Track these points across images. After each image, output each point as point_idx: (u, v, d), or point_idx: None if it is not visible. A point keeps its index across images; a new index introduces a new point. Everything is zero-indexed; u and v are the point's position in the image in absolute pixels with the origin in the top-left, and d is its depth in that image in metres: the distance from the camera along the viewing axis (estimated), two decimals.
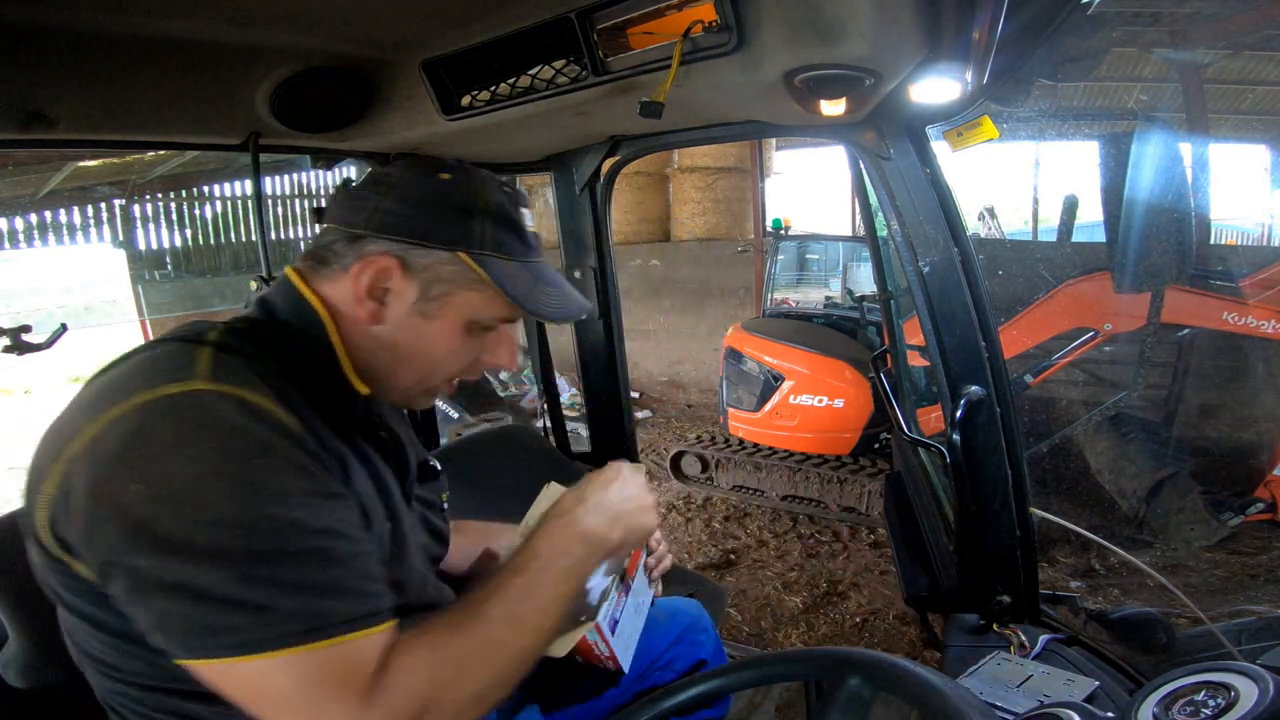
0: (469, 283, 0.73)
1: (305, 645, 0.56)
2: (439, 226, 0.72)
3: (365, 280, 0.71)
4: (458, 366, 0.78)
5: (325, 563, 0.58)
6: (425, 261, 0.72)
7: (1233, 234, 7.35)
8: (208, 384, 0.59)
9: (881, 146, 1.15)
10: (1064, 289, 3.15)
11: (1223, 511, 2.94)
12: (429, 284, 0.72)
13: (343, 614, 0.58)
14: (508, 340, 0.81)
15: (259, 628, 0.55)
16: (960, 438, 1.18)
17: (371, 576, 0.63)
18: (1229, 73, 5.85)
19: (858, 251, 5.70)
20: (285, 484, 0.58)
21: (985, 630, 1.15)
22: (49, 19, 0.76)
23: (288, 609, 0.56)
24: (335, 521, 0.61)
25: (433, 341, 0.75)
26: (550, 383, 1.86)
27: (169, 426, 0.56)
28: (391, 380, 0.76)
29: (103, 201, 7.54)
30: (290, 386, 0.65)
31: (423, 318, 0.73)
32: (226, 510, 0.55)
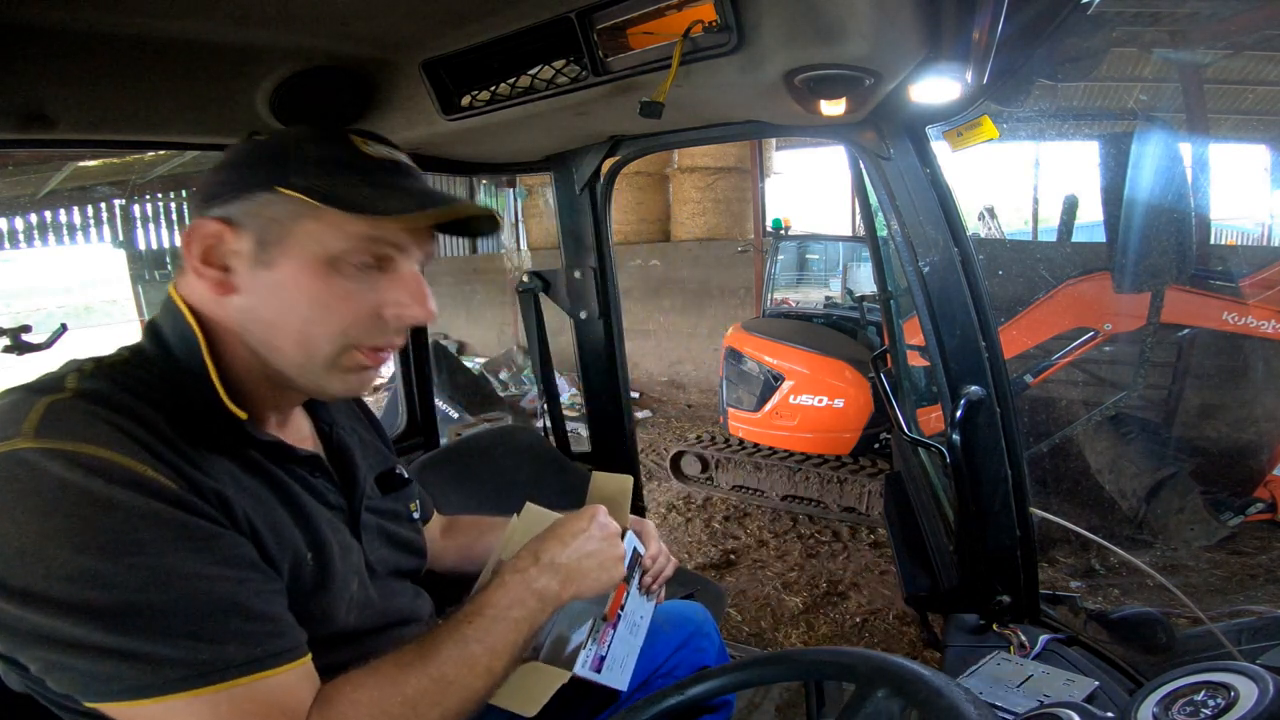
0: (304, 213, 0.65)
1: (201, 689, 0.55)
2: (251, 174, 0.67)
3: (196, 249, 0.66)
4: (342, 322, 0.67)
5: (201, 607, 0.57)
6: (249, 209, 0.66)
7: (1233, 234, 7.35)
8: (31, 442, 0.55)
9: (881, 146, 1.15)
10: (1064, 289, 3.15)
11: (1223, 511, 2.94)
12: (262, 230, 0.65)
13: (234, 657, 0.57)
14: (409, 280, 0.70)
15: (144, 674, 0.54)
16: (960, 438, 1.18)
17: (261, 614, 0.60)
18: (1229, 73, 5.86)
19: (858, 251, 5.70)
20: (137, 535, 0.55)
21: (985, 630, 1.15)
22: (49, 19, 0.76)
23: (170, 656, 0.55)
24: (207, 565, 0.58)
25: (292, 294, 0.66)
26: (550, 383, 1.86)
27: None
28: (277, 361, 0.69)
29: (103, 201, 7.55)
30: (160, 426, 0.61)
31: (268, 268, 0.66)
32: (76, 564, 0.53)
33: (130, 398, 0.62)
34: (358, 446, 0.87)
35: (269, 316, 0.67)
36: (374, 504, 0.85)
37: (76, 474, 0.55)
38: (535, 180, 7.20)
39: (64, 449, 0.55)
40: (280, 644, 0.61)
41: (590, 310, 1.69)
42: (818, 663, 0.70)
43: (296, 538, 0.69)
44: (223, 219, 0.66)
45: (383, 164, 0.70)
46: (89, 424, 0.58)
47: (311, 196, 0.64)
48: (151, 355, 0.68)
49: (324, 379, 0.70)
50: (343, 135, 0.70)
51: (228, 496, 0.63)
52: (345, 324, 0.68)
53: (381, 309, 0.69)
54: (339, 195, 0.65)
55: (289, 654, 0.61)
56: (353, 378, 0.72)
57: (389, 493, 0.90)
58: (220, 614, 0.58)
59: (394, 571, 0.86)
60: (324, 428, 0.86)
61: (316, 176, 0.66)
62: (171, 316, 0.69)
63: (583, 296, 1.69)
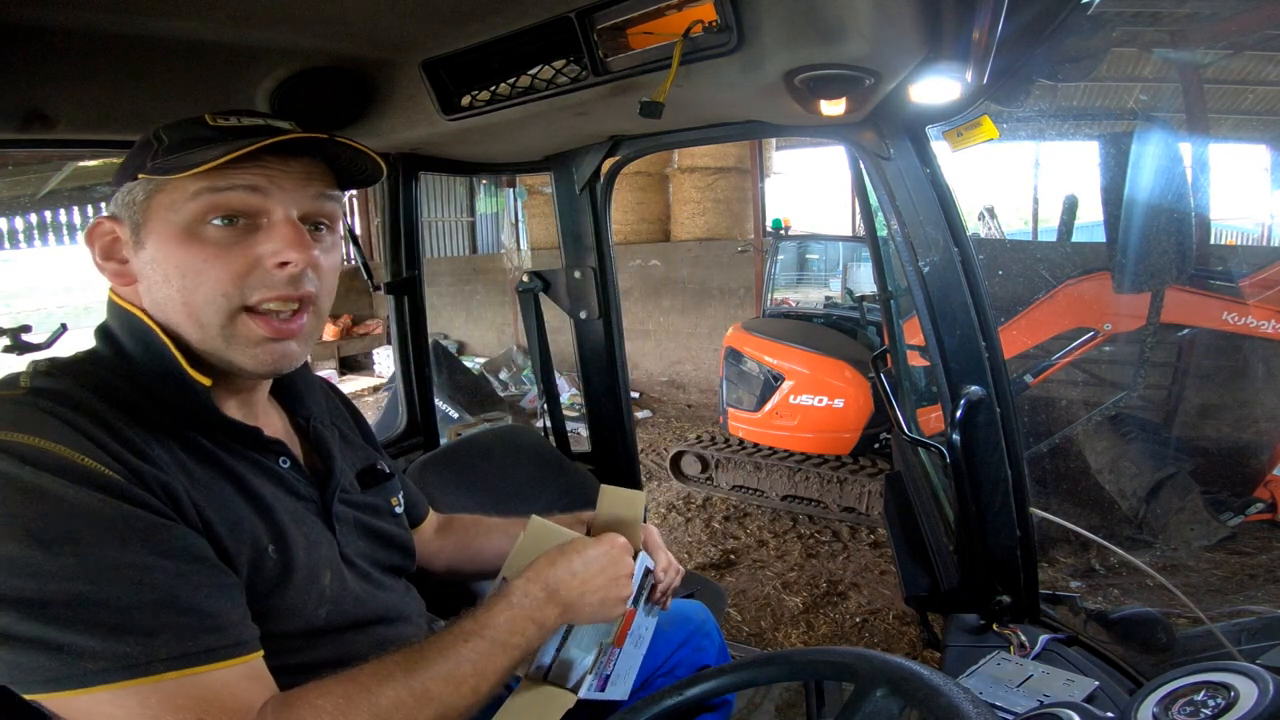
0: (152, 190, 0.68)
1: (125, 682, 0.55)
2: (124, 168, 0.70)
3: (96, 248, 0.71)
4: (219, 283, 0.67)
5: (130, 599, 0.56)
6: (121, 199, 0.70)
7: (1233, 234, 7.35)
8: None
9: (881, 146, 1.15)
10: (1064, 289, 3.15)
11: (1223, 511, 2.94)
12: (131, 215, 0.69)
13: (161, 651, 0.56)
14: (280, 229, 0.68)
15: (65, 666, 0.54)
16: (960, 438, 1.18)
17: (200, 609, 0.59)
18: (1229, 73, 5.86)
19: (858, 251, 5.69)
20: (68, 524, 0.55)
21: (985, 630, 1.15)
22: (49, 19, 0.76)
23: (92, 648, 0.54)
24: (144, 556, 0.57)
25: (164, 267, 0.67)
26: (550, 383, 1.86)
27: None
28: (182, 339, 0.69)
29: (103, 201, 7.52)
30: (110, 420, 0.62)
31: (143, 248, 0.69)
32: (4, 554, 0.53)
33: (84, 393, 0.63)
34: (336, 441, 0.87)
35: (158, 295, 0.69)
36: (351, 497, 0.85)
37: (10, 464, 0.55)
38: (535, 180, 7.20)
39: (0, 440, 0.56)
40: (217, 640, 0.59)
41: (590, 310, 1.69)
42: (817, 662, 0.70)
43: (256, 528, 0.68)
44: (110, 215, 0.71)
45: (232, 131, 0.69)
46: (33, 417, 0.59)
47: (154, 173, 0.67)
48: (105, 353, 0.70)
49: (228, 352, 0.69)
50: (199, 117, 0.71)
51: (174, 488, 0.62)
52: (221, 286, 0.67)
53: (257, 264, 0.68)
54: (171, 165, 0.66)
55: (228, 650, 0.60)
56: (260, 351, 0.70)
57: (369, 488, 0.90)
58: (151, 606, 0.57)
59: (376, 566, 0.85)
60: (300, 421, 0.86)
61: (165, 155, 0.67)
62: (115, 314, 0.71)
63: (583, 296, 1.69)
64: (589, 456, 1.84)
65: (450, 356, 5.51)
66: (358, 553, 0.82)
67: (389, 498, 0.92)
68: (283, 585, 0.69)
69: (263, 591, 0.68)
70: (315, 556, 0.74)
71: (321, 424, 0.87)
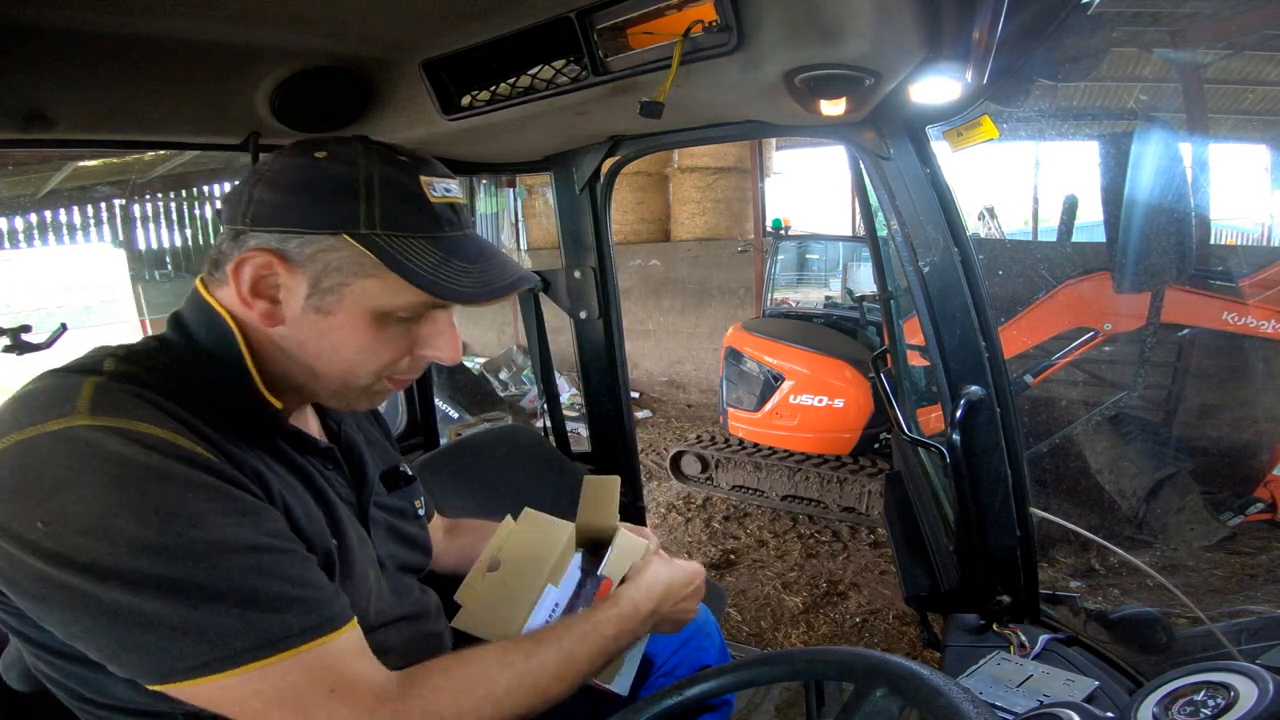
0: (363, 269, 0.65)
1: (269, 659, 0.56)
2: (315, 210, 0.64)
3: (246, 279, 0.65)
4: (382, 363, 0.70)
5: (258, 578, 0.57)
6: (308, 251, 0.64)
7: (1233, 234, 7.35)
8: (86, 419, 0.56)
9: (881, 146, 1.15)
10: (1064, 289, 3.15)
11: (1223, 511, 2.94)
12: (319, 276, 0.65)
13: (293, 626, 0.58)
14: (444, 330, 0.72)
15: (213, 649, 0.55)
16: (960, 438, 1.18)
17: (311, 582, 0.62)
18: (1229, 73, 5.85)
19: (858, 251, 5.70)
20: (193, 506, 0.56)
21: (985, 630, 1.15)
22: (49, 19, 0.76)
23: (236, 628, 0.55)
24: (258, 536, 0.59)
25: (340, 339, 0.67)
26: (550, 383, 1.86)
27: (56, 463, 0.54)
28: (314, 384, 0.71)
29: (103, 201, 7.54)
30: (196, 409, 0.63)
31: (320, 314, 0.66)
32: (141, 536, 0.54)
33: (165, 381, 0.64)
34: (365, 444, 0.88)
35: (314, 351, 0.69)
36: (381, 500, 0.87)
37: (134, 449, 0.56)
38: (535, 180, 7.20)
39: (118, 425, 0.56)
40: (335, 608, 0.62)
41: (590, 310, 1.69)
42: (817, 662, 0.70)
43: (323, 524, 0.71)
44: (280, 255, 0.65)
45: (444, 215, 0.68)
46: (135, 403, 0.59)
47: (381, 257, 0.63)
48: (177, 346, 0.69)
49: (353, 402, 0.74)
50: (411, 172, 0.68)
51: (265, 475, 0.65)
52: (384, 365, 0.71)
53: (415, 349, 0.71)
54: (408, 264, 0.64)
55: (344, 617, 0.62)
56: (376, 398, 0.76)
57: (394, 490, 0.91)
58: (277, 582, 0.58)
59: (401, 567, 0.87)
60: (332, 425, 0.86)
61: (384, 227, 0.64)
62: (201, 312, 0.69)
63: (583, 296, 1.69)
64: (589, 456, 1.84)
65: None
66: (388, 554, 0.84)
67: (412, 500, 0.94)
68: (344, 580, 0.72)
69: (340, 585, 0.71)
70: (363, 556, 0.77)
71: (351, 427, 0.88)
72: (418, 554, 0.91)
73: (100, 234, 7.68)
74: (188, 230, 8.18)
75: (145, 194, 7.75)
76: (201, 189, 8.23)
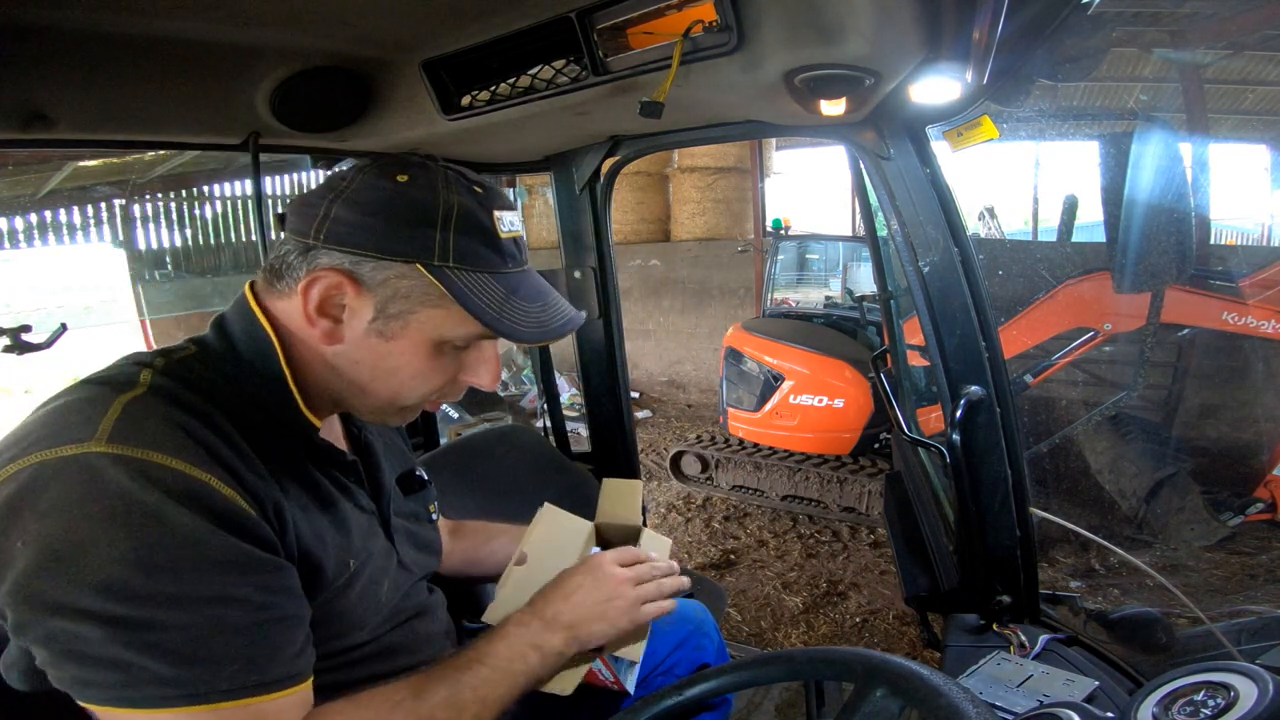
0: (430, 299, 0.66)
1: (188, 708, 0.56)
2: (393, 236, 0.65)
3: (315, 298, 0.66)
4: (430, 388, 0.73)
5: (213, 630, 0.57)
6: (380, 276, 0.65)
7: (1233, 234, 7.35)
8: (104, 447, 0.56)
9: (881, 146, 1.15)
10: (1064, 289, 3.15)
11: (1223, 511, 2.94)
12: (386, 301, 0.66)
13: (226, 682, 0.57)
14: (490, 359, 0.75)
15: (135, 687, 0.55)
16: (960, 438, 1.18)
17: (274, 644, 0.61)
18: (1229, 73, 5.85)
19: (858, 251, 5.69)
20: (174, 554, 0.56)
21: (985, 630, 1.15)
22: (49, 19, 0.76)
23: (166, 675, 0.55)
24: (236, 589, 0.58)
25: (397, 363, 0.69)
26: (550, 383, 1.86)
27: (57, 489, 0.55)
28: (359, 401, 0.73)
29: (103, 201, 7.53)
30: (226, 430, 0.63)
31: (382, 338, 0.68)
32: (106, 574, 0.54)
33: (200, 399, 0.63)
34: (382, 449, 0.88)
35: (368, 372, 0.70)
36: (399, 506, 0.87)
37: (137, 484, 0.56)
38: (535, 180, 7.20)
39: (133, 456, 0.56)
40: (281, 671, 0.61)
41: (590, 310, 1.69)
42: (817, 662, 0.70)
43: (340, 544, 0.71)
44: (352, 277, 0.66)
45: (509, 250, 0.70)
46: (161, 429, 0.59)
47: (450, 290, 0.65)
48: (218, 353, 0.69)
49: (389, 418, 0.77)
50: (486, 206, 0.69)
51: (282, 505, 0.64)
52: (432, 389, 0.73)
53: (460, 374, 0.74)
54: (475, 300, 0.66)
55: (288, 681, 0.61)
56: (410, 416, 0.79)
57: (410, 494, 0.91)
58: (229, 637, 0.58)
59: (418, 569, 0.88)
60: (353, 430, 0.86)
61: (455, 260, 0.66)
62: (245, 319, 0.70)
63: (583, 296, 1.69)
64: (589, 456, 1.84)
65: None
66: (411, 562, 0.85)
67: (427, 504, 0.94)
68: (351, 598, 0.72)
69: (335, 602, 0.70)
70: (379, 568, 0.77)
71: (370, 432, 0.88)
72: (431, 557, 0.91)
73: (100, 234, 7.67)
74: (188, 230, 8.18)
75: (145, 194, 7.75)
76: (201, 189, 8.23)
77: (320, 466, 0.73)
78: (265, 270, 0.71)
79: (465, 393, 0.78)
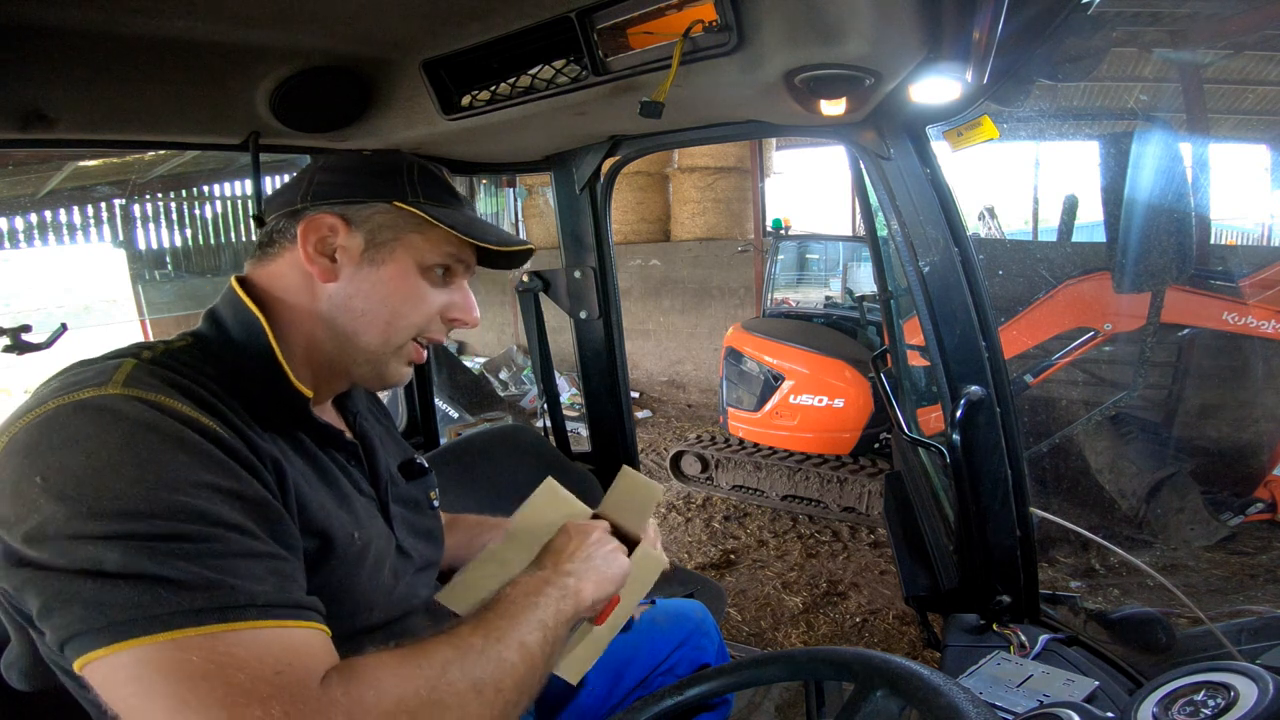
0: (410, 225, 0.77)
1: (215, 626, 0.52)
2: (371, 185, 0.77)
3: (312, 240, 0.74)
4: (420, 317, 0.79)
5: (234, 550, 0.56)
6: (366, 214, 0.76)
7: (1233, 234, 7.35)
8: (120, 389, 0.59)
9: (881, 146, 1.15)
10: (1064, 289, 3.15)
11: (1223, 511, 2.94)
12: (373, 233, 0.76)
13: (257, 595, 0.55)
14: (466, 293, 0.84)
15: (155, 603, 0.51)
16: (960, 438, 1.18)
17: (292, 578, 0.60)
18: (1229, 73, 5.85)
19: (858, 251, 5.70)
20: (195, 475, 0.56)
21: (985, 630, 1.15)
22: (49, 19, 0.76)
23: (188, 581, 0.52)
24: (251, 521, 0.58)
25: (390, 288, 0.77)
26: (550, 383, 1.86)
27: (75, 424, 0.57)
28: (351, 354, 0.77)
29: (103, 201, 7.54)
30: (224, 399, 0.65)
31: (374, 265, 0.76)
32: (126, 495, 0.53)
33: (195, 373, 0.67)
34: (379, 436, 0.89)
35: (362, 306, 0.76)
36: (399, 492, 0.88)
37: (153, 414, 0.58)
38: (535, 180, 7.20)
39: (149, 397, 0.60)
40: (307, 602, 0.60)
41: (590, 310, 1.69)
42: (817, 662, 0.70)
43: (343, 517, 0.72)
44: (341, 216, 0.76)
45: (459, 195, 0.83)
46: (169, 382, 0.63)
47: (428, 215, 0.77)
48: (213, 340, 0.73)
49: (388, 365, 0.80)
50: (437, 167, 0.83)
51: (282, 465, 0.66)
52: (421, 319, 0.79)
53: (444, 311, 0.82)
54: (447, 218, 0.78)
55: (313, 614, 0.59)
56: (405, 368, 0.82)
57: (411, 480, 0.92)
58: (254, 560, 0.57)
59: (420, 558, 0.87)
60: (349, 417, 0.88)
61: (424, 199, 0.78)
62: (232, 306, 0.74)
63: (583, 296, 1.69)
64: (589, 456, 1.84)
65: (450, 356, 5.51)
66: (410, 548, 0.85)
67: (428, 491, 0.94)
68: (359, 575, 0.73)
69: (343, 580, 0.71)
70: (381, 550, 0.78)
71: (366, 420, 0.89)
72: (433, 546, 0.91)
73: (100, 234, 7.68)
74: (188, 230, 8.19)
75: (145, 194, 7.76)
76: (201, 189, 8.23)
77: (320, 445, 0.76)
78: (255, 248, 0.79)
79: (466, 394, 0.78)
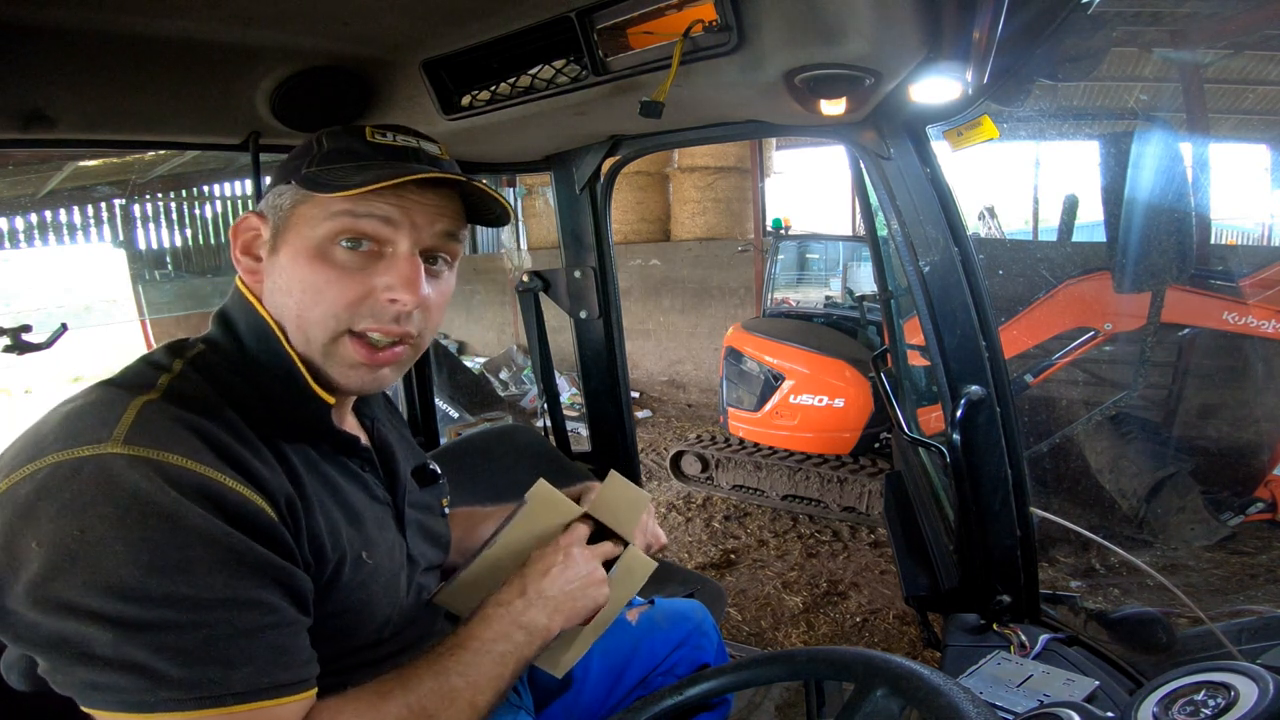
0: (298, 198, 0.70)
1: (197, 711, 0.55)
2: (281, 170, 0.73)
3: (239, 244, 0.73)
4: (333, 305, 0.68)
5: (224, 631, 0.57)
6: (270, 201, 0.73)
7: (1233, 234, 7.35)
8: (119, 448, 0.57)
9: (881, 146, 1.15)
10: (1064, 289, 3.15)
11: (1223, 511, 2.94)
12: (276, 219, 0.71)
13: (239, 683, 0.57)
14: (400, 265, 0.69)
15: (142, 690, 0.54)
16: (960, 437, 1.18)
17: (282, 648, 0.60)
18: (1229, 73, 5.85)
19: (858, 251, 5.70)
20: (187, 554, 0.56)
21: (985, 630, 1.15)
22: (49, 19, 0.76)
23: (174, 675, 0.55)
24: (249, 591, 0.58)
25: (289, 277, 0.69)
26: (550, 383, 1.86)
27: (72, 489, 0.55)
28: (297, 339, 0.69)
29: (103, 201, 7.54)
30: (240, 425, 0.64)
31: (276, 253, 0.71)
32: (119, 576, 0.54)
33: (215, 396, 0.65)
34: (396, 442, 0.88)
35: (278, 300, 0.70)
36: (413, 499, 0.87)
37: (152, 485, 0.56)
38: (535, 180, 7.20)
39: (148, 457, 0.57)
40: (289, 676, 0.60)
41: (590, 310, 1.69)
42: (817, 662, 0.70)
43: (353, 537, 0.71)
44: (258, 213, 0.73)
45: (385, 150, 0.71)
46: (176, 430, 0.60)
47: (303, 184, 0.68)
48: (226, 348, 0.71)
49: (325, 367, 0.71)
50: (360, 129, 0.73)
51: (294, 500, 0.64)
52: (334, 309, 0.68)
53: (371, 294, 0.69)
54: (321, 179, 0.68)
55: (299, 686, 0.61)
56: (353, 372, 0.71)
57: (425, 486, 0.91)
58: (241, 639, 0.58)
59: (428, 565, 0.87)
60: (366, 422, 0.86)
61: (320, 165, 0.69)
62: (243, 309, 0.72)
63: (583, 296, 1.69)
64: (589, 456, 1.84)
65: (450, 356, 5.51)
66: (420, 554, 0.84)
67: (439, 498, 0.94)
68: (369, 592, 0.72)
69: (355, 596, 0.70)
70: (394, 561, 0.77)
71: (384, 425, 0.88)
72: (439, 550, 0.91)
73: (100, 234, 7.69)
74: (188, 230, 8.19)
75: (145, 194, 7.76)
76: (201, 189, 8.24)
77: (335, 455, 0.74)
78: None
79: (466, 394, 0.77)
